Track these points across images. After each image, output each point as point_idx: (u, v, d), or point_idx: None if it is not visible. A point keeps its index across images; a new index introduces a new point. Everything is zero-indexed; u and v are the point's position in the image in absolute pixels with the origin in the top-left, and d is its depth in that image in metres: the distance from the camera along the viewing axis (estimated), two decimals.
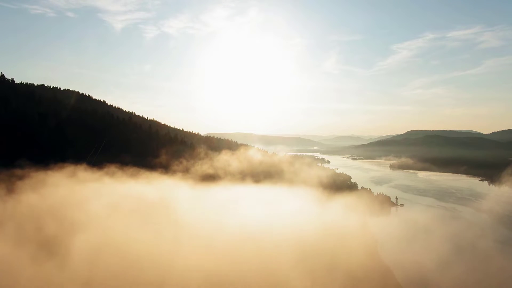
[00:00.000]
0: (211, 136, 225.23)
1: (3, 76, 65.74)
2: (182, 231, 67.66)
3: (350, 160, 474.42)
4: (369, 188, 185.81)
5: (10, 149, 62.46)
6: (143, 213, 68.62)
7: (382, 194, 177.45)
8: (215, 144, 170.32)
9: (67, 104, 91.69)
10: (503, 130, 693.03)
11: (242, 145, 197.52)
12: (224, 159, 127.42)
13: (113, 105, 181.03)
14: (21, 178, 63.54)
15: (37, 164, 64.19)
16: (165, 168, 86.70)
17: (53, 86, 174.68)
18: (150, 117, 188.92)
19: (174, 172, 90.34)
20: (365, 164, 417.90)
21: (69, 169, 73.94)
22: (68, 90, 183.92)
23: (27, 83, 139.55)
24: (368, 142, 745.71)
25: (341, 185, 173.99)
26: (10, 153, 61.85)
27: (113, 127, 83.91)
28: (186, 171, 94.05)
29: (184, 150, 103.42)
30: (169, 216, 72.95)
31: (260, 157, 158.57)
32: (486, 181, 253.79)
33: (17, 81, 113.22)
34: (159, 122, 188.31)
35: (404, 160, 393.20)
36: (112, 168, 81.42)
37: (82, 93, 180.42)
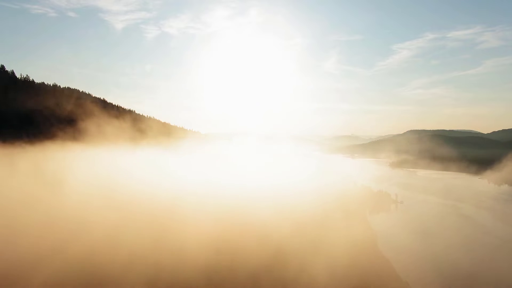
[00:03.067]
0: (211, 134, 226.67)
1: (3, 67, 66.26)
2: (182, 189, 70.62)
3: (350, 159, 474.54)
4: (369, 186, 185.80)
5: (9, 130, 64.48)
6: (143, 172, 71.29)
7: (382, 191, 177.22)
8: (215, 138, 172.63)
9: (67, 99, 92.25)
10: (503, 130, 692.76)
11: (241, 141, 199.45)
12: (224, 146, 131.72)
13: (113, 103, 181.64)
14: (20, 152, 66.35)
15: (35, 143, 66.96)
16: (168, 149, 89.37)
17: (52, 84, 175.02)
18: (150, 116, 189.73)
19: (175, 153, 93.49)
20: (365, 163, 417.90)
21: (68, 145, 76.43)
22: (68, 88, 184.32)
23: (27, 75, 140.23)
24: (368, 142, 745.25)
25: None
26: (9, 133, 64.25)
27: (113, 118, 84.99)
28: (186, 152, 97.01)
29: (185, 141, 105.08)
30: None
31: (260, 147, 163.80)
32: (486, 179, 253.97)
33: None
34: (159, 120, 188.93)
35: (404, 159, 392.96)
36: (111, 146, 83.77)
37: (82, 91, 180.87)
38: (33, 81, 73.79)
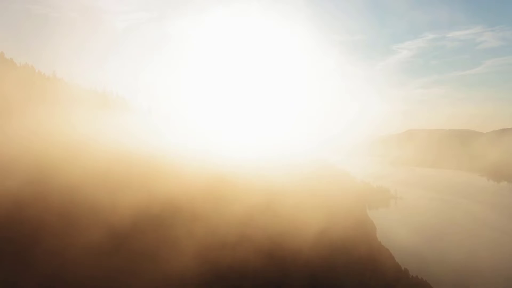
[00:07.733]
0: None
1: (2, 54, 66.68)
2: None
3: (350, 158, 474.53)
4: (369, 182, 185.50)
5: None
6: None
7: (382, 187, 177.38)
8: None
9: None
10: (502, 129, 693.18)
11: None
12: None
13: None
14: None
15: None
16: None
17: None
18: None
19: None
20: (365, 161, 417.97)
21: None
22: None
23: (26, 63, 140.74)
24: (368, 141, 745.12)
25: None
26: None
27: (111, 108, 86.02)
28: None
29: None
30: None
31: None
32: (485, 177, 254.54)
33: None
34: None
35: (403, 157, 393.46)
36: None
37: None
38: (32, 66, 74.22)
